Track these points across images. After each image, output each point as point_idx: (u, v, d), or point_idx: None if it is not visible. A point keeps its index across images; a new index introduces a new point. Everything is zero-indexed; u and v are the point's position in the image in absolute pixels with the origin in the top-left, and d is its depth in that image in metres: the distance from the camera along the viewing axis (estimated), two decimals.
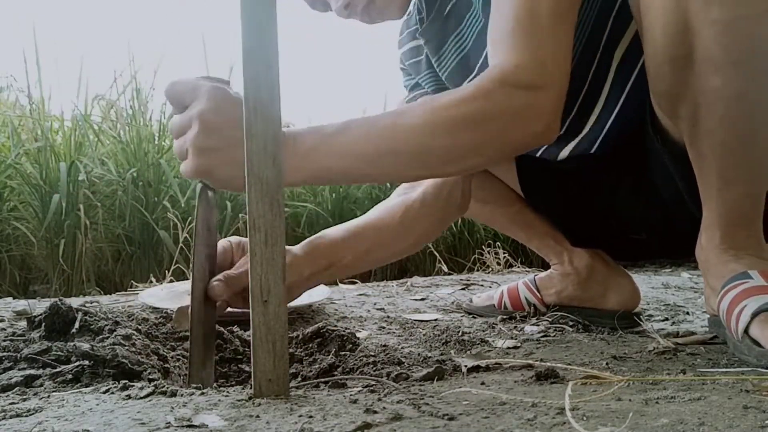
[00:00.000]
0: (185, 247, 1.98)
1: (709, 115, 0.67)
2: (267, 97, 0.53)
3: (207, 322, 0.66)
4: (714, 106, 0.66)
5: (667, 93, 0.71)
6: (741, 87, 0.65)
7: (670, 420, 0.44)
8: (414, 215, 0.89)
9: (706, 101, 0.67)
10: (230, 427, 0.45)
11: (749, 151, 0.69)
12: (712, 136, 0.69)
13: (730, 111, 0.66)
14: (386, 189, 2.65)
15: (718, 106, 0.66)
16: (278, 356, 0.52)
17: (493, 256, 2.33)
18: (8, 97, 2.74)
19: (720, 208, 0.73)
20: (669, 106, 0.72)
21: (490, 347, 0.85)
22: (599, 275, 1.05)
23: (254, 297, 0.52)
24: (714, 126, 0.68)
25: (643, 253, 1.16)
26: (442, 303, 1.31)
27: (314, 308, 1.17)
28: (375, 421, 0.45)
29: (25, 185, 2.15)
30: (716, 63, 0.64)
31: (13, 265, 2.15)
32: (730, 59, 0.63)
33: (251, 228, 0.52)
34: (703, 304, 1.24)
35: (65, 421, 0.47)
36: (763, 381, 0.55)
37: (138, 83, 2.52)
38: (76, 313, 0.75)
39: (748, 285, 0.69)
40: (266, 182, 0.53)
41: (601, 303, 1.03)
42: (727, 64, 0.64)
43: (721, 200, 0.72)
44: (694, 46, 0.64)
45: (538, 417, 0.46)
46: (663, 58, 0.68)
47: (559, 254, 1.08)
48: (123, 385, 0.57)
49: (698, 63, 0.65)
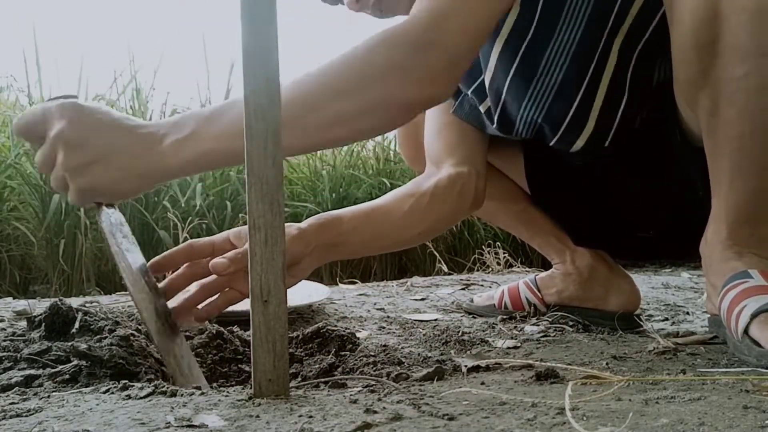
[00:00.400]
0: None
1: (728, 106, 0.67)
2: (267, 97, 0.53)
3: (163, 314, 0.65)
4: (735, 96, 0.66)
5: (689, 80, 0.70)
6: (765, 78, 0.64)
7: (670, 420, 0.44)
8: (422, 208, 0.88)
9: (728, 91, 0.66)
10: (230, 427, 0.45)
11: (765, 145, 0.69)
12: (729, 128, 0.68)
13: (750, 103, 0.66)
14: (386, 189, 2.66)
15: (738, 97, 0.66)
16: (278, 356, 0.52)
17: (493, 256, 2.33)
18: (8, 97, 2.74)
19: (729, 203, 0.72)
20: (690, 95, 0.71)
21: (490, 347, 0.85)
22: (601, 276, 1.04)
23: (254, 297, 0.52)
24: (732, 117, 0.67)
25: (646, 253, 1.15)
26: (442, 303, 1.31)
27: (314, 308, 1.17)
28: (375, 421, 0.45)
29: (25, 185, 2.15)
30: (742, 52, 0.63)
31: (13, 265, 2.15)
32: (757, 49, 0.63)
33: (251, 228, 0.52)
34: (703, 304, 1.24)
35: (65, 421, 0.47)
36: (763, 381, 0.55)
37: (138, 83, 2.53)
38: (76, 313, 0.75)
39: (748, 285, 0.69)
40: (266, 182, 0.53)
41: (602, 304, 1.03)
42: (754, 54, 0.63)
43: (731, 194, 0.72)
44: (721, 32, 0.64)
45: (538, 417, 0.46)
46: (689, 44, 0.67)
47: (561, 253, 1.08)
48: (123, 385, 0.57)
49: (724, 51, 0.65)
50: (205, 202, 2.29)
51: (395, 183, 2.67)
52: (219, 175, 2.47)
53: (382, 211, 0.87)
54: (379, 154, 2.87)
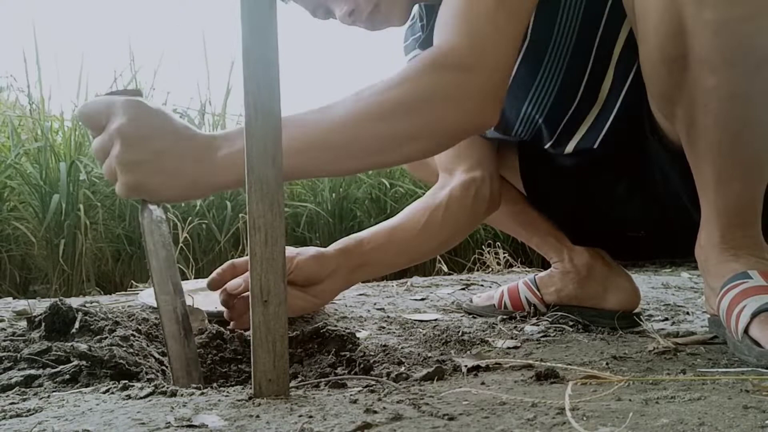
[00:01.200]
0: (185, 247, 1.99)
1: (704, 116, 0.68)
2: (267, 97, 0.53)
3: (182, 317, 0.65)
4: (709, 106, 0.67)
5: (663, 94, 0.72)
6: (735, 87, 0.65)
7: (670, 420, 0.44)
8: (440, 219, 0.91)
9: (702, 101, 0.67)
10: (230, 427, 0.45)
11: (744, 149, 0.70)
12: (707, 136, 0.69)
13: (724, 111, 0.67)
14: (386, 189, 2.66)
15: (713, 107, 0.67)
16: (278, 356, 0.52)
17: (493, 256, 2.33)
18: (8, 97, 2.74)
19: (718, 207, 0.73)
20: (666, 108, 0.73)
21: (490, 347, 0.85)
22: (599, 274, 1.05)
23: (254, 297, 0.52)
24: (709, 125, 0.68)
25: (642, 253, 1.16)
26: (442, 303, 1.31)
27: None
28: (375, 421, 0.45)
29: (25, 185, 2.15)
30: (711, 64, 0.64)
31: (13, 265, 2.15)
32: (725, 60, 0.64)
33: (251, 228, 0.52)
34: (703, 304, 1.24)
35: (65, 421, 0.47)
36: (763, 381, 0.55)
37: (138, 83, 2.53)
38: (76, 313, 0.75)
39: (748, 285, 0.69)
40: (266, 182, 0.53)
41: (601, 303, 1.04)
42: (722, 65, 0.64)
43: (718, 199, 0.73)
44: (688, 46, 0.65)
45: (538, 417, 0.46)
46: (658, 59, 0.68)
47: (559, 252, 1.08)
48: (123, 385, 0.57)
49: (693, 64, 0.66)
50: (205, 202, 2.30)
51: (395, 183, 2.67)
52: None
53: (402, 228, 0.90)
54: None
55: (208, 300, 1.18)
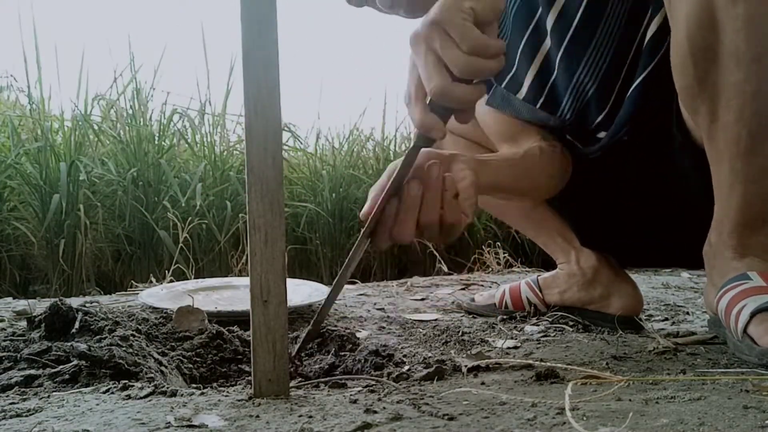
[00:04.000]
0: (185, 247, 1.98)
1: (726, 111, 0.68)
2: (267, 97, 0.53)
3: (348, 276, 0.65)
4: (733, 101, 0.67)
5: (689, 87, 0.71)
6: (760, 84, 0.65)
7: (670, 420, 0.44)
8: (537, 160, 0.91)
9: (726, 96, 0.67)
10: (230, 427, 0.45)
11: (763, 149, 0.69)
12: (728, 133, 0.69)
13: (747, 108, 0.67)
14: None
15: (736, 102, 0.67)
16: (278, 356, 0.52)
17: (493, 256, 2.33)
18: (8, 96, 2.74)
19: (731, 206, 0.73)
20: (690, 101, 0.73)
21: (490, 347, 0.85)
22: (604, 278, 1.04)
23: (254, 297, 0.52)
24: (731, 122, 0.68)
25: (652, 260, 1.15)
26: (442, 303, 1.31)
27: (314, 308, 1.17)
28: (375, 421, 0.45)
29: (25, 185, 2.16)
30: (738, 58, 0.65)
31: (13, 265, 2.15)
32: (752, 55, 0.64)
33: (251, 228, 0.52)
34: (703, 304, 1.24)
35: (65, 421, 0.47)
36: (763, 381, 0.55)
37: (138, 83, 2.53)
38: (76, 313, 0.75)
39: (747, 285, 0.69)
40: (266, 182, 0.53)
41: (604, 307, 1.03)
42: (749, 60, 0.64)
43: (732, 198, 0.72)
44: (718, 39, 0.65)
45: (538, 417, 0.46)
46: (687, 51, 0.69)
47: (566, 253, 1.07)
48: (123, 385, 0.57)
49: (721, 57, 0.66)
50: (205, 202, 2.30)
51: None
52: (219, 175, 2.47)
53: (515, 159, 0.90)
54: (379, 154, 2.87)
55: (208, 300, 1.19)
